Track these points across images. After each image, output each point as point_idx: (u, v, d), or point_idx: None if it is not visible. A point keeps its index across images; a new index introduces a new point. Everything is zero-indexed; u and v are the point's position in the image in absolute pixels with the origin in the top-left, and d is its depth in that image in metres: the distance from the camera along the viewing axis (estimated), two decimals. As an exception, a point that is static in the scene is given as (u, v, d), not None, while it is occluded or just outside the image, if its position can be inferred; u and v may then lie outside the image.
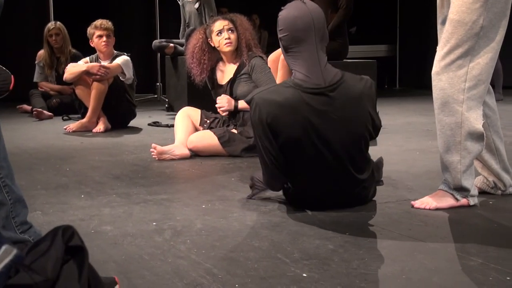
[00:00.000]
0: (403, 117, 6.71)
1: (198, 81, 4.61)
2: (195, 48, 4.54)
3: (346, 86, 2.76)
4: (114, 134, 5.74)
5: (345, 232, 2.55)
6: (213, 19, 4.64)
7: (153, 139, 5.23)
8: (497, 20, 2.78)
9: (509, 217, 2.79)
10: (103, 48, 5.97)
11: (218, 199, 3.16)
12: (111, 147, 4.98)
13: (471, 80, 2.78)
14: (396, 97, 9.36)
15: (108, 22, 6.00)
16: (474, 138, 2.83)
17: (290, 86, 2.75)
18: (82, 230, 2.61)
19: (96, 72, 5.73)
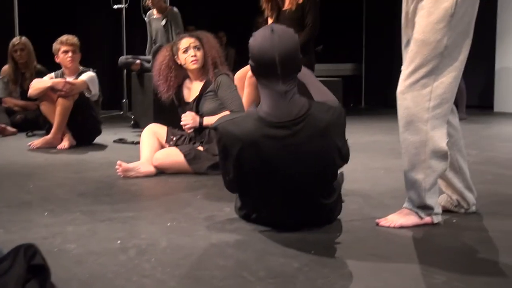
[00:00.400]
0: (368, 136, 6.77)
1: (165, 98, 4.60)
2: (162, 65, 4.54)
3: (311, 119, 2.70)
4: (79, 150, 5.68)
5: (310, 250, 2.55)
6: (179, 37, 4.65)
7: (119, 156, 5.19)
8: (461, 40, 2.83)
9: (472, 235, 2.82)
10: (68, 63, 5.94)
11: (183, 217, 3.15)
12: (75, 164, 4.93)
13: (436, 99, 2.82)
14: (362, 116, 9.43)
15: (74, 38, 5.98)
16: (439, 157, 2.86)
17: (254, 118, 2.71)
18: (45, 248, 2.57)
19: (61, 88, 5.68)
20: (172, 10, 7.24)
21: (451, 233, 2.85)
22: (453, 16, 2.77)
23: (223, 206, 3.37)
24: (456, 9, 2.76)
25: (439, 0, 2.77)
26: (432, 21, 2.78)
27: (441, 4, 2.77)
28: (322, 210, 2.90)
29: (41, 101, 5.85)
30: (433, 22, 2.78)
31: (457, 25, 2.79)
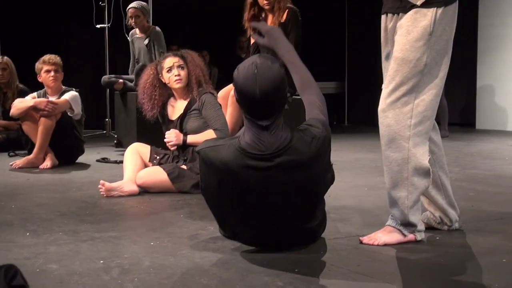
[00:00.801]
0: (352, 153, 6.79)
1: (149, 117, 4.61)
2: (146, 83, 4.56)
3: (293, 152, 2.65)
4: (62, 170, 5.65)
5: (294, 269, 2.55)
6: (164, 56, 4.66)
7: (102, 175, 5.17)
8: (440, 58, 2.86)
9: (456, 252, 2.82)
10: (51, 83, 5.92)
11: (167, 236, 3.13)
12: (58, 183, 4.90)
13: (417, 116, 2.83)
14: (345, 134, 9.46)
15: (57, 57, 5.97)
16: (421, 174, 2.87)
17: (236, 148, 2.68)
18: (27, 269, 2.56)
19: (44, 107, 5.66)
20: (155, 30, 7.24)
21: (434, 250, 2.85)
22: (432, 35, 2.80)
23: (206, 225, 3.37)
24: (434, 27, 2.80)
25: (418, 19, 2.80)
26: (411, 39, 2.81)
27: (419, 23, 2.80)
28: (306, 233, 2.90)
29: (23, 120, 5.83)
30: (412, 41, 2.81)
31: (436, 43, 2.83)
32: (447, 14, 2.84)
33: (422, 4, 2.79)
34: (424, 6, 2.79)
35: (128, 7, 7.20)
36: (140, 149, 4.57)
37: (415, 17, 2.81)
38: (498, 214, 3.63)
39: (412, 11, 2.82)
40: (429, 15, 2.80)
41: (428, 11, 2.80)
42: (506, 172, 5.39)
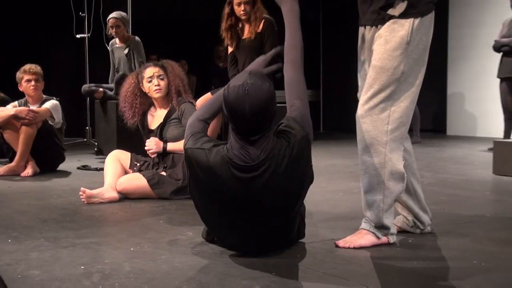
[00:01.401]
0: (327, 160, 6.81)
1: (130, 124, 4.63)
2: (127, 92, 4.57)
3: (275, 158, 2.64)
4: (43, 178, 5.61)
5: (271, 272, 2.55)
6: (144, 66, 4.67)
7: (82, 182, 5.14)
8: (416, 66, 2.90)
9: (428, 255, 2.84)
10: (31, 92, 5.90)
11: (147, 242, 3.12)
12: (39, 191, 4.86)
13: (393, 122, 2.86)
14: (320, 140, 9.48)
15: (37, 67, 5.94)
16: (396, 178, 2.90)
17: (222, 155, 2.66)
18: (8, 275, 2.54)
19: (25, 116, 5.63)
20: (134, 39, 7.23)
21: (407, 253, 2.87)
22: (409, 44, 2.84)
23: (185, 230, 3.36)
24: (411, 37, 2.84)
25: (396, 29, 2.84)
26: (389, 48, 2.85)
27: (397, 33, 2.84)
28: (285, 236, 2.91)
29: (4, 129, 5.79)
30: (390, 50, 2.84)
31: (413, 52, 2.86)
32: (424, 25, 2.88)
33: (400, 15, 2.84)
34: (402, 17, 2.84)
35: (108, 17, 7.18)
36: (121, 156, 4.55)
37: (393, 27, 2.85)
38: (468, 217, 3.66)
39: (390, 22, 2.86)
40: (407, 26, 2.84)
41: (405, 22, 2.84)
42: (476, 177, 5.44)
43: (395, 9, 2.86)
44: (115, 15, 7.13)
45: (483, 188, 4.88)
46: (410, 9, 2.85)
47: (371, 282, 2.41)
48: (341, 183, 5.06)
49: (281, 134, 2.75)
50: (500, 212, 3.88)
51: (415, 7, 2.86)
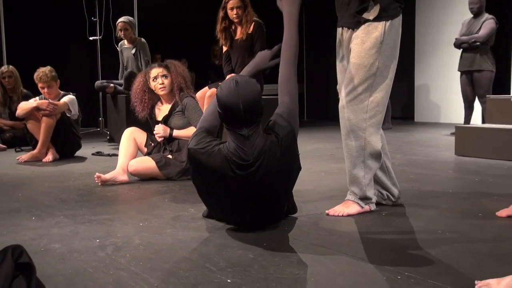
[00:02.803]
0: (311, 144, 6.81)
1: (141, 117, 4.65)
2: (137, 89, 4.59)
3: (268, 153, 2.61)
4: (62, 163, 5.60)
5: (263, 243, 2.55)
6: (150, 66, 4.66)
7: (97, 167, 5.14)
8: (389, 62, 2.96)
9: (398, 226, 2.86)
10: (46, 96, 5.89)
11: (153, 218, 3.12)
12: (59, 174, 4.85)
13: (371, 111, 2.94)
14: (304, 127, 9.49)
15: (46, 74, 5.80)
16: (374, 157, 3.01)
17: (222, 155, 2.60)
18: (33, 248, 2.53)
19: (45, 108, 5.64)
20: (140, 41, 7.21)
21: (381, 224, 2.89)
22: (382, 43, 2.91)
23: (187, 207, 3.36)
24: (384, 37, 2.91)
25: (371, 31, 2.90)
26: (365, 48, 2.91)
27: (372, 34, 2.90)
28: (277, 215, 2.93)
29: (27, 120, 5.80)
30: (366, 49, 2.91)
31: (386, 50, 2.93)
32: (394, 26, 2.94)
33: (374, 18, 2.90)
34: (376, 20, 2.90)
35: (117, 21, 7.15)
36: (137, 135, 4.56)
37: (368, 30, 2.91)
38: (433, 193, 3.68)
39: (366, 25, 2.92)
40: (380, 28, 2.90)
41: (379, 24, 2.90)
42: (440, 158, 5.46)
43: (370, 13, 2.91)
44: (123, 19, 7.11)
45: (446, 167, 4.90)
46: (382, 13, 2.90)
47: (349, 250, 2.42)
48: (323, 165, 5.07)
49: (270, 131, 2.73)
50: (461, 188, 3.90)
51: (386, 11, 2.91)
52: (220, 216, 2.92)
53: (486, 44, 7.14)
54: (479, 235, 2.65)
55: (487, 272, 2.09)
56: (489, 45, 7.17)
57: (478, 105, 7.48)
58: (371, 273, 2.12)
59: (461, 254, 2.34)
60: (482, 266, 2.17)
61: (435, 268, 2.16)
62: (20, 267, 1.45)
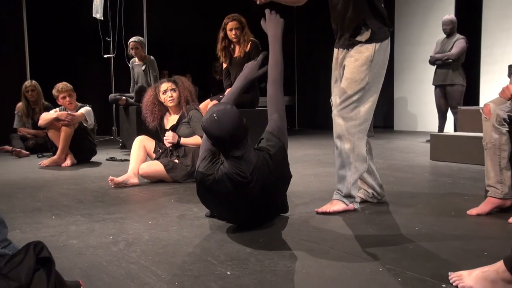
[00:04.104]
0: (301, 150, 6.82)
1: (151, 127, 4.64)
2: (148, 102, 4.59)
3: (262, 168, 2.59)
4: (79, 167, 5.59)
5: (259, 238, 2.55)
6: (160, 81, 4.66)
7: (110, 171, 5.13)
8: (377, 78, 3.04)
9: (381, 223, 2.85)
10: (68, 105, 5.91)
11: (161, 216, 3.11)
12: (76, 178, 4.84)
13: (360, 119, 3.02)
14: (296, 135, 9.49)
15: (67, 85, 5.93)
16: (361, 160, 3.06)
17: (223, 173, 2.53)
18: (52, 244, 2.52)
19: (64, 118, 5.67)
20: (150, 58, 7.21)
21: (365, 221, 2.88)
22: (372, 62, 3.00)
23: (192, 207, 3.36)
24: (374, 56, 2.99)
25: (363, 51, 2.99)
26: (357, 65, 2.99)
27: (364, 54, 2.99)
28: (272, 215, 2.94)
29: (48, 129, 5.80)
30: (358, 66, 2.99)
31: (375, 67, 3.01)
32: (382, 47, 3.02)
33: (365, 40, 2.99)
34: (367, 42, 2.99)
35: (129, 41, 7.16)
36: (146, 142, 4.58)
37: (360, 50, 3.00)
38: (411, 193, 3.68)
39: (359, 45, 3.01)
40: (371, 48, 2.99)
41: (370, 46, 2.99)
42: (417, 162, 5.46)
43: (362, 36, 3.00)
44: (134, 39, 7.11)
45: (423, 171, 4.90)
46: (373, 36, 2.99)
47: (336, 245, 2.42)
48: (312, 168, 5.07)
49: (262, 148, 2.72)
50: (436, 189, 3.90)
51: (376, 34, 3.00)
52: (221, 217, 2.91)
53: (457, 61, 7.17)
54: (452, 231, 2.65)
55: (459, 264, 2.09)
56: (460, 62, 7.20)
57: (450, 115, 7.50)
58: (356, 266, 2.11)
59: (436, 248, 2.34)
60: (455, 259, 2.17)
61: (413, 261, 2.16)
62: (41, 261, 1.45)
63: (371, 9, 2.98)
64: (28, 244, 1.48)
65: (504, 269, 1.78)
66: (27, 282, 1.39)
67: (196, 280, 1.98)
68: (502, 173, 2.98)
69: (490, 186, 3.02)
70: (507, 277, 1.77)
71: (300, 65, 12.08)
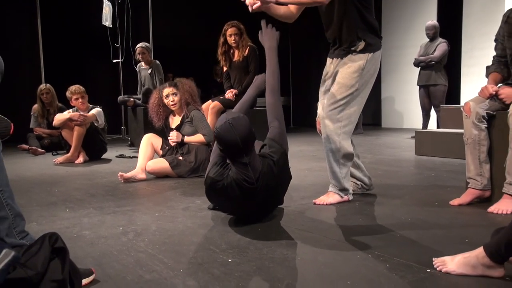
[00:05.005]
0: (296, 147, 6.82)
1: (157, 126, 4.64)
2: (154, 104, 4.60)
3: (266, 174, 2.56)
4: (91, 164, 5.58)
5: (257, 228, 2.55)
6: (163, 86, 4.65)
7: (120, 167, 5.13)
8: (366, 84, 3.05)
9: (369, 213, 2.85)
10: (81, 106, 5.89)
11: (167, 209, 3.11)
12: (88, 173, 4.83)
13: (345, 121, 3.01)
14: (291, 133, 9.49)
15: (79, 87, 5.93)
16: (347, 157, 3.07)
17: (232, 180, 2.50)
18: (67, 235, 2.52)
19: (77, 119, 5.65)
20: (155, 62, 7.20)
21: (355, 212, 2.88)
22: (364, 70, 3.00)
23: (195, 200, 3.36)
24: (366, 65, 3.00)
25: (356, 59, 3.00)
26: (349, 71, 3.00)
27: (357, 62, 3.00)
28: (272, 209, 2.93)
29: (62, 129, 5.79)
30: (350, 72, 3.00)
31: (365, 75, 3.02)
32: (375, 57, 3.03)
33: (359, 50, 2.99)
34: (361, 52, 3.00)
35: (136, 47, 7.15)
36: (153, 139, 4.58)
37: (354, 58, 3.01)
38: (397, 186, 3.68)
39: (352, 54, 3.02)
40: (363, 58, 2.99)
41: (363, 55, 3.00)
42: (402, 157, 5.47)
43: (357, 46, 3.00)
44: (141, 45, 7.10)
45: (408, 164, 4.90)
46: (366, 47, 3.00)
47: (329, 234, 2.42)
48: (306, 163, 5.07)
49: (266, 155, 2.70)
50: (420, 181, 3.90)
51: (370, 45, 3.01)
52: (224, 211, 2.90)
53: (440, 63, 7.17)
54: (436, 220, 2.65)
55: (443, 251, 2.09)
56: (442, 63, 7.20)
57: (434, 113, 7.51)
58: (347, 252, 2.12)
59: (421, 236, 2.35)
60: (438, 246, 2.18)
61: (400, 248, 2.16)
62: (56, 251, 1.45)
63: (364, 23, 2.98)
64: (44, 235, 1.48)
65: (484, 255, 1.78)
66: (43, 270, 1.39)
67: (199, 267, 1.98)
68: (481, 166, 2.98)
69: (471, 178, 3.02)
70: (487, 262, 1.78)
71: (294, 69, 12.09)
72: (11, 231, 1.93)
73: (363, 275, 1.84)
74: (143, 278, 1.88)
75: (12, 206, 1.95)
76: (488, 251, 1.77)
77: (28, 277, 1.35)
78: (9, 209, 1.93)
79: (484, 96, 2.98)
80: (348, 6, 2.95)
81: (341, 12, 2.97)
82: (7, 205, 1.93)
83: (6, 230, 1.91)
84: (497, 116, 2.96)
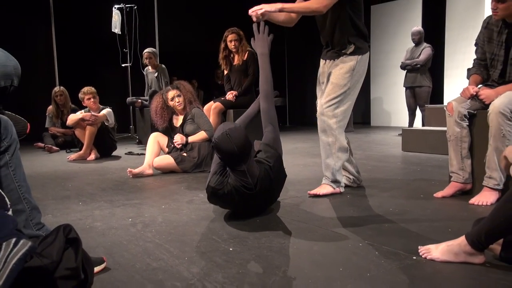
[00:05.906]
0: (292, 144, 6.81)
1: (161, 128, 4.62)
2: (157, 108, 4.59)
3: (263, 179, 2.54)
4: (102, 160, 5.58)
5: (256, 220, 2.55)
6: (166, 89, 4.64)
7: (129, 163, 5.12)
8: (357, 83, 3.08)
9: (360, 205, 2.86)
10: (93, 105, 5.88)
11: (172, 201, 3.11)
12: (100, 169, 4.83)
13: (339, 116, 3.05)
14: (287, 131, 9.48)
15: (91, 88, 5.93)
16: (342, 150, 3.10)
17: (232, 187, 2.47)
18: (80, 226, 2.52)
19: (89, 119, 5.64)
20: (161, 66, 7.19)
21: (347, 204, 2.88)
22: (354, 70, 3.04)
23: (198, 193, 3.35)
24: (356, 66, 3.04)
25: (347, 61, 3.04)
26: (342, 72, 3.03)
27: (348, 63, 3.04)
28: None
29: (75, 128, 5.77)
30: (342, 73, 3.03)
31: (355, 75, 3.05)
32: (363, 59, 3.07)
33: (350, 53, 3.03)
34: (351, 55, 3.04)
35: (143, 52, 7.13)
36: (159, 138, 4.56)
37: (345, 60, 3.05)
38: (386, 180, 3.68)
39: (344, 56, 3.06)
40: (354, 59, 3.03)
41: (353, 57, 3.04)
42: (391, 153, 5.46)
43: (347, 49, 3.04)
44: (148, 50, 7.09)
45: (395, 160, 4.91)
46: (356, 50, 3.04)
47: (322, 224, 2.42)
48: (301, 159, 5.07)
49: (262, 160, 2.68)
50: (407, 175, 3.90)
51: (359, 49, 3.05)
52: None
53: (425, 66, 7.16)
54: (421, 211, 2.66)
55: (428, 239, 2.10)
56: (427, 66, 7.19)
57: (419, 112, 7.50)
58: (339, 242, 2.12)
59: (407, 226, 2.35)
60: (423, 235, 2.18)
61: (388, 237, 2.16)
62: (69, 241, 1.45)
63: (354, 29, 3.03)
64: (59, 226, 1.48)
65: (466, 243, 1.79)
66: (58, 259, 1.39)
67: (203, 255, 1.98)
68: (463, 161, 2.99)
69: (453, 173, 3.03)
70: (468, 250, 1.78)
71: (289, 69, 12.06)
72: (28, 223, 1.94)
73: (354, 262, 1.85)
74: (151, 266, 1.88)
75: (29, 199, 1.95)
76: (470, 240, 1.78)
77: (44, 265, 1.34)
78: (26, 203, 1.93)
79: (465, 97, 2.98)
80: (341, 13, 2.99)
81: (334, 19, 3.02)
82: (24, 199, 1.93)
83: (23, 222, 1.91)
84: (478, 115, 2.96)
